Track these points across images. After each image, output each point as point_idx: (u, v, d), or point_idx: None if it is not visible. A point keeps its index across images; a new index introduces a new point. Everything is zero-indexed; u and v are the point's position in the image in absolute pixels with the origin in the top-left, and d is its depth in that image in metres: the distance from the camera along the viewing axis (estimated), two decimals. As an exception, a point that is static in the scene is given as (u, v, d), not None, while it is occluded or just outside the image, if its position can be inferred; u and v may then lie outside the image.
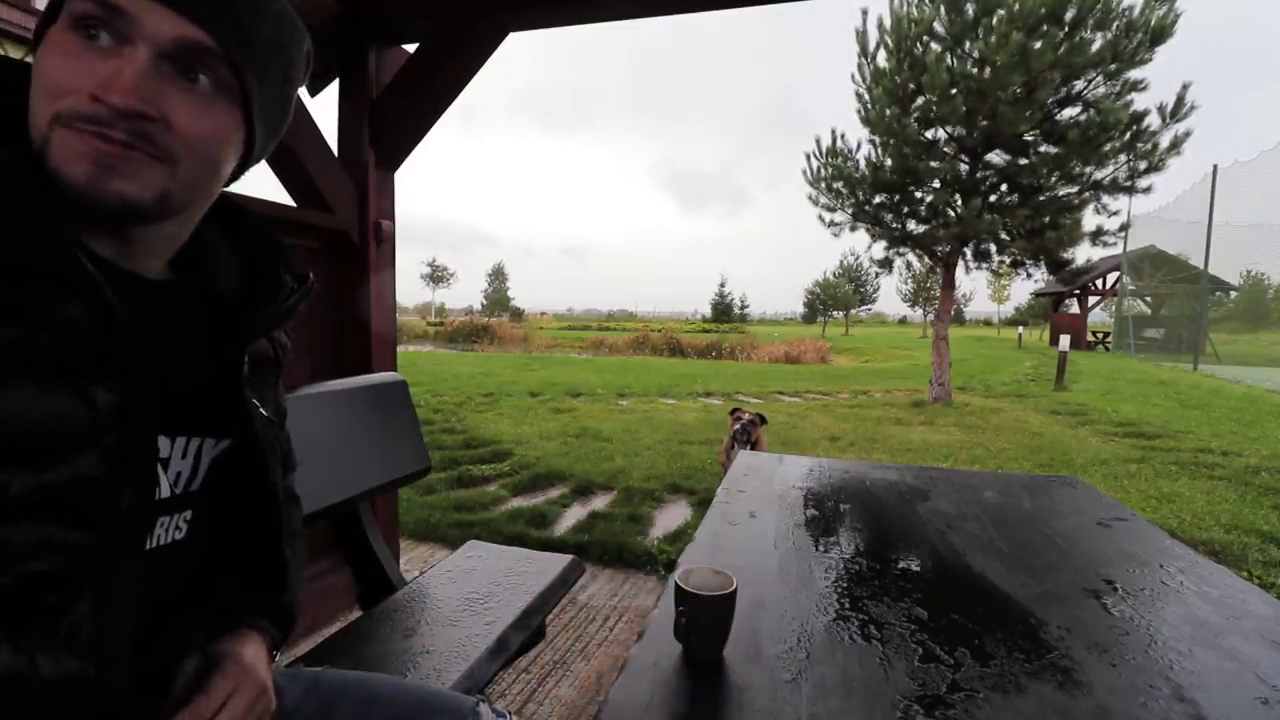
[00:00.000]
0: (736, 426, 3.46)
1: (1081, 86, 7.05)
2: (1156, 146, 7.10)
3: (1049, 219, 7.38)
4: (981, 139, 7.28)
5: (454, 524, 3.18)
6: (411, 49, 2.20)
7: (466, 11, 2.00)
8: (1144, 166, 7.20)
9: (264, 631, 0.70)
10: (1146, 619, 0.92)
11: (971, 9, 6.82)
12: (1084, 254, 9.85)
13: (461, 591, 1.41)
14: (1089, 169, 7.20)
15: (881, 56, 7.61)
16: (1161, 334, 16.79)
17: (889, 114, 7.34)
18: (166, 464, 0.59)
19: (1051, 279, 9.01)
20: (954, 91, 6.92)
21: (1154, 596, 1.00)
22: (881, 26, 7.49)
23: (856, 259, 47.37)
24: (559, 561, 1.58)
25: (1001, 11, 6.60)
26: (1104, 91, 7.00)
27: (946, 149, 7.74)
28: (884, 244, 8.52)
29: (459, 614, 1.31)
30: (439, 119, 2.22)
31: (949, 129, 7.53)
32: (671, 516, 3.48)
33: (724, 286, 68.88)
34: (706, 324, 56.93)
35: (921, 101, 7.40)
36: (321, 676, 0.78)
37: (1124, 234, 9.98)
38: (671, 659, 0.78)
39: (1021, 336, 24.84)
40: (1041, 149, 7.33)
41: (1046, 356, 15.70)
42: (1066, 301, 23.72)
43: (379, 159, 2.22)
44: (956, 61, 7.07)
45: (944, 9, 6.99)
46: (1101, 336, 20.02)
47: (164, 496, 0.58)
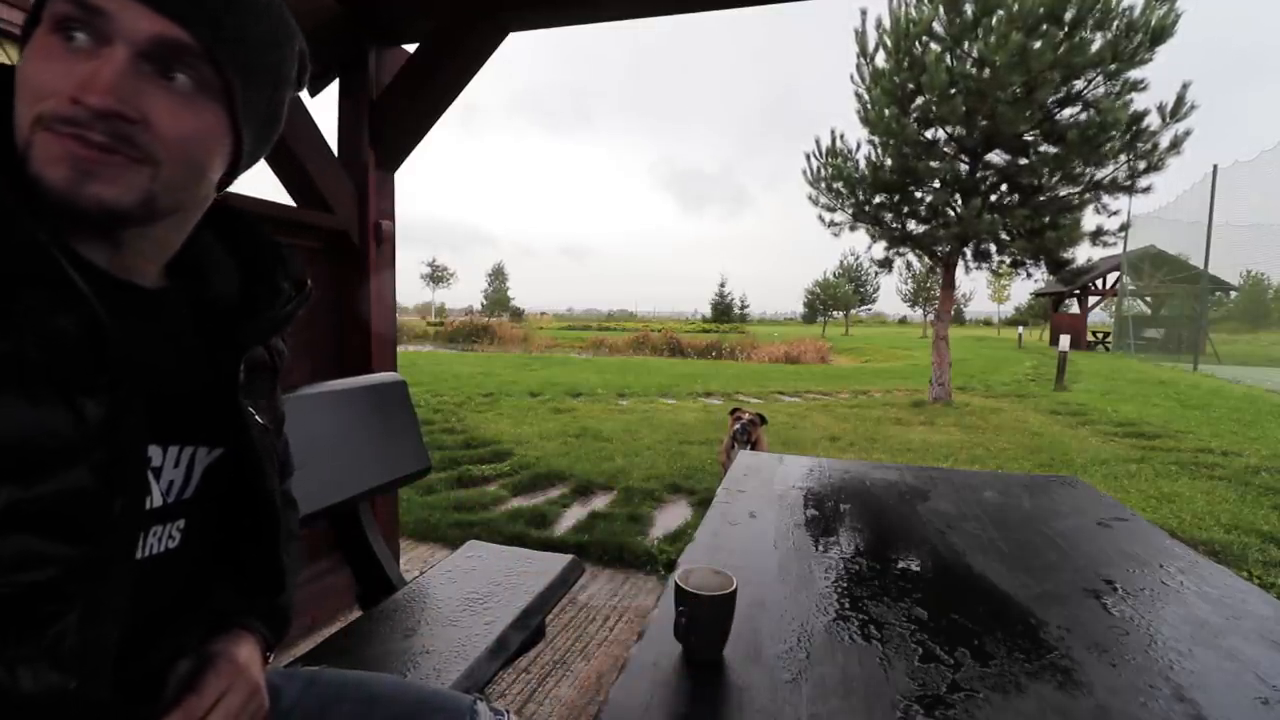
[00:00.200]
0: (736, 426, 3.46)
1: (1081, 86, 7.05)
2: (1156, 146, 7.11)
3: (1049, 219, 7.38)
4: (981, 139, 7.28)
5: (454, 524, 3.18)
6: (411, 49, 2.20)
7: (466, 11, 2.00)
8: (1144, 166, 7.20)
9: (258, 633, 0.70)
10: (1146, 619, 0.92)
11: (971, 9, 6.82)
12: (1084, 254, 9.87)
13: (461, 591, 1.41)
14: (1089, 169, 7.20)
15: (881, 57, 7.62)
16: (1161, 334, 16.79)
17: (888, 114, 7.34)
18: (159, 473, 0.58)
19: (1051, 279, 9.01)
20: (953, 91, 6.92)
21: (1154, 596, 1.00)
22: (880, 27, 7.49)
23: (856, 259, 47.46)
24: (559, 561, 1.58)
25: (1001, 11, 6.60)
26: (1104, 91, 7.00)
27: (946, 149, 7.74)
28: (884, 244, 8.54)
29: (459, 614, 1.31)
30: (439, 119, 2.22)
31: (949, 129, 7.53)
32: (671, 516, 3.48)
33: (724, 286, 69.02)
34: (706, 324, 56.94)
35: (921, 101, 7.40)
36: (319, 676, 0.78)
37: (1124, 234, 9.98)
38: (671, 659, 0.78)
39: (1021, 336, 24.85)
40: (1041, 149, 7.33)
41: (1046, 356, 15.70)
42: (1066, 301, 23.72)
43: (379, 159, 2.22)
44: (956, 62, 7.07)
45: (943, 9, 6.99)
46: (1101, 336, 20.03)
47: (156, 506, 0.58)
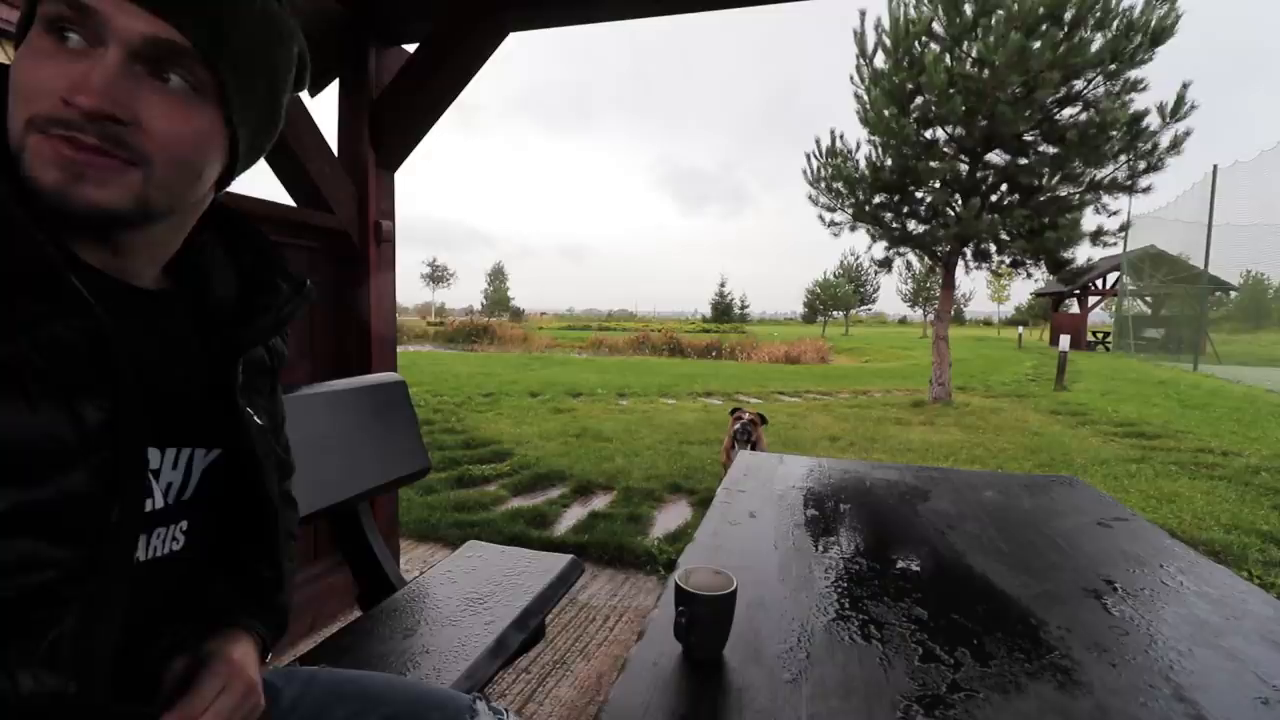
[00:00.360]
0: (737, 426, 3.46)
1: (1081, 86, 7.05)
2: (1156, 146, 7.10)
3: (1049, 219, 7.38)
4: (981, 139, 7.28)
5: (454, 524, 3.18)
6: (411, 49, 2.20)
7: (466, 11, 2.00)
8: (1144, 166, 7.20)
9: (255, 632, 0.70)
10: (1146, 619, 0.92)
11: (970, 9, 6.82)
12: (1084, 254, 9.86)
13: (461, 591, 1.41)
14: (1089, 169, 7.20)
15: (880, 58, 7.61)
16: (1161, 334, 16.78)
17: (888, 114, 7.34)
18: (157, 475, 0.58)
19: (1051, 279, 9.02)
20: (953, 92, 6.91)
21: (1154, 596, 1.00)
22: (880, 27, 7.49)
23: (856, 259, 47.50)
24: (559, 561, 1.58)
25: (1000, 11, 6.60)
26: (1104, 91, 7.00)
27: (946, 149, 7.73)
28: (884, 244, 8.54)
29: (458, 614, 1.31)
30: (439, 119, 2.22)
31: (948, 129, 7.53)
32: (671, 516, 3.48)
33: (724, 286, 69.03)
34: (706, 324, 56.94)
35: (920, 102, 7.40)
36: (318, 675, 0.78)
37: (1124, 234, 9.98)
38: (671, 659, 0.78)
39: (1021, 336, 24.84)
40: (1041, 149, 7.33)
41: (1046, 356, 15.70)
42: (1066, 301, 23.72)
43: (379, 159, 2.22)
44: (955, 62, 7.07)
45: (942, 9, 6.99)
46: (1101, 336, 20.03)
47: (156, 508, 0.58)
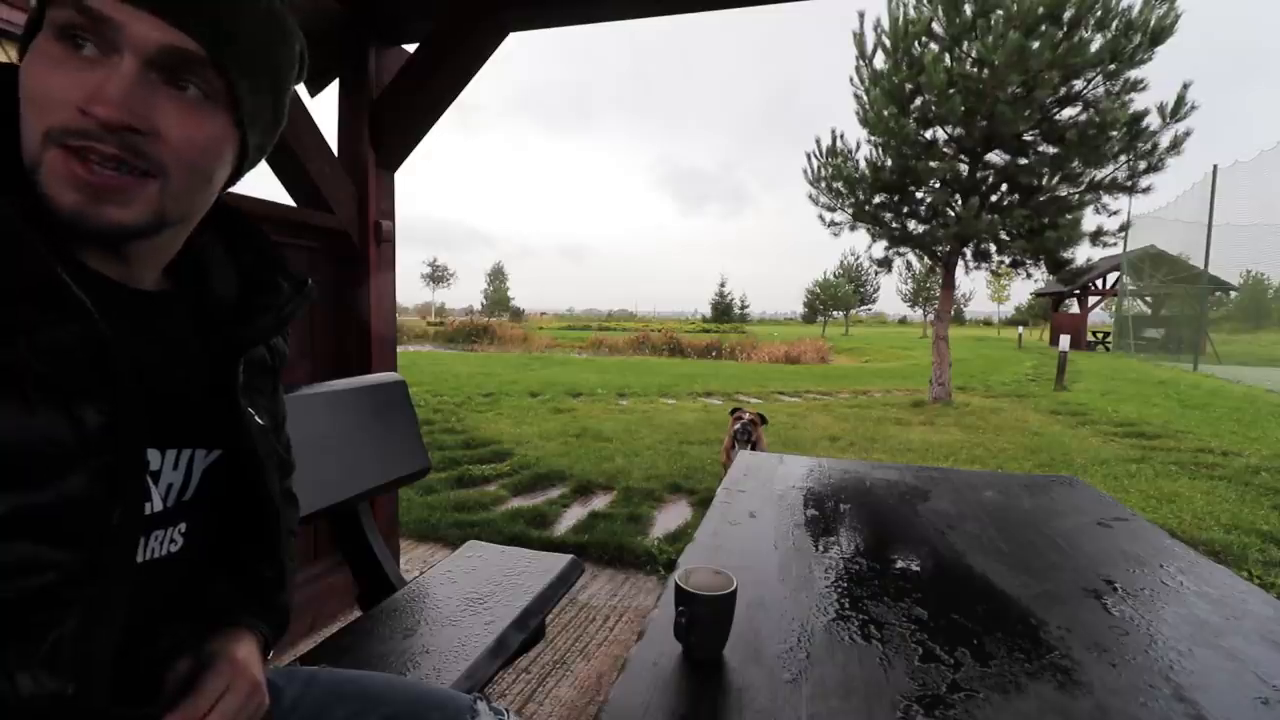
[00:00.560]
0: (737, 426, 3.46)
1: (1081, 86, 7.05)
2: (1156, 146, 7.10)
3: (1049, 219, 7.38)
4: (980, 139, 7.28)
5: (454, 524, 3.18)
6: (411, 49, 2.20)
7: (466, 11, 2.00)
8: (1144, 166, 7.20)
9: (257, 631, 0.70)
10: (1146, 619, 0.92)
11: (969, 9, 6.82)
12: (1084, 254, 9.87)
13: (461, 591, 1.41)
14: (1089, 169, 7.20)
15: (879, 58, 7.61)
16: (1161, 334, 16.78)
17: (887, 114, 7.33)
18: (157, 476, 0.58)
19: (1051, 279, 9.01)
20: (952, 92, 6.91)
21: (1154, 596, 1.00)
22: (879, 28, 7.49)
23: (856, 259, 47.47)
24: (559, 561, 1.58)
25: (999, 11, 6.60)
26: (1103, 91, 7.00)
27: (946, 149, 7.73)
28: (884, 244, 8.53)
29: (459, 614, 1.31)
30: (439, 119, 2.22)
31: (948, 129, 7.53)
32: (671, 516, 3.48)
33: (724, 286, 69.00)
34: (706, 324, 56.94)
35: (920, 102, 7.40)
36: (318, 675, 0.78)
37: (1124, 234, 9.98)
38: (671, 659, 0.78)
39: (1021, 336, 24.84)
40: (1041, 149, 7.33)
41: (1046, 356, 15.70)
42: (1066, 301, 23.72)
43: (379, 159, 2.22)
44: (955, 62, 7.07)
45: (941, 9, 6.99)
46: (1101, 336, 20.02)
47: (156, 510, 0.58)
